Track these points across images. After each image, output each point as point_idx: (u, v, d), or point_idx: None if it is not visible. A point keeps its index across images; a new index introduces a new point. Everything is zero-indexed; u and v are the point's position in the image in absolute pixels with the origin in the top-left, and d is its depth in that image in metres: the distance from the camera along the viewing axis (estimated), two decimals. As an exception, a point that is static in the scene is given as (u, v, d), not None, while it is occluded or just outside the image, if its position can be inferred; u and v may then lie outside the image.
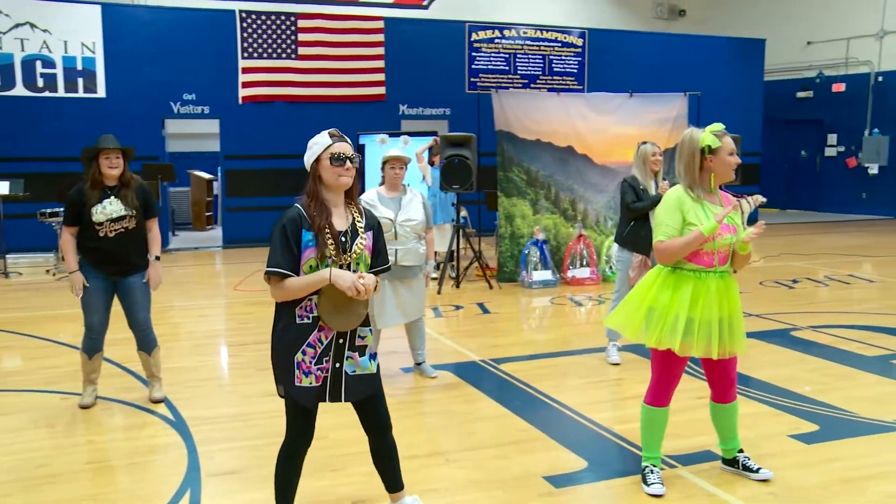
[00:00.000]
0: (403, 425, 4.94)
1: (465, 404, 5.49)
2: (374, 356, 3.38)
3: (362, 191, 10.76)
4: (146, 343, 5.48)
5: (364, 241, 3.29)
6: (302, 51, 14.37)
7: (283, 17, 14.27)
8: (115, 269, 5.24)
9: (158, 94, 13.40)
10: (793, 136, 20.32)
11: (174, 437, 4.84)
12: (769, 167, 19.46)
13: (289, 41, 14.28)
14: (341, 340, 3.26)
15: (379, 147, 6.92)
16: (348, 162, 3.23)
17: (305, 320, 3.21)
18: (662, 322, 3.82)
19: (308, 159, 3.27)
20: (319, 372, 3.23)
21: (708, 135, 3.90)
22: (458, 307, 8.84)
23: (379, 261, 3.41)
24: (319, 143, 3.26)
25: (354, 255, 3.25)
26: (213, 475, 4.27)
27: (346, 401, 3.31)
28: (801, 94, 19.78)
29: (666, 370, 3.96)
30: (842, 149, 19.40)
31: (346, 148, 3.26)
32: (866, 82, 18.74)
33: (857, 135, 18.93)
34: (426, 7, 17.37)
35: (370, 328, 3.35)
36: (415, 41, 15.08)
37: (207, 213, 16.67)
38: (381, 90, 14.86)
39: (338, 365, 3.26)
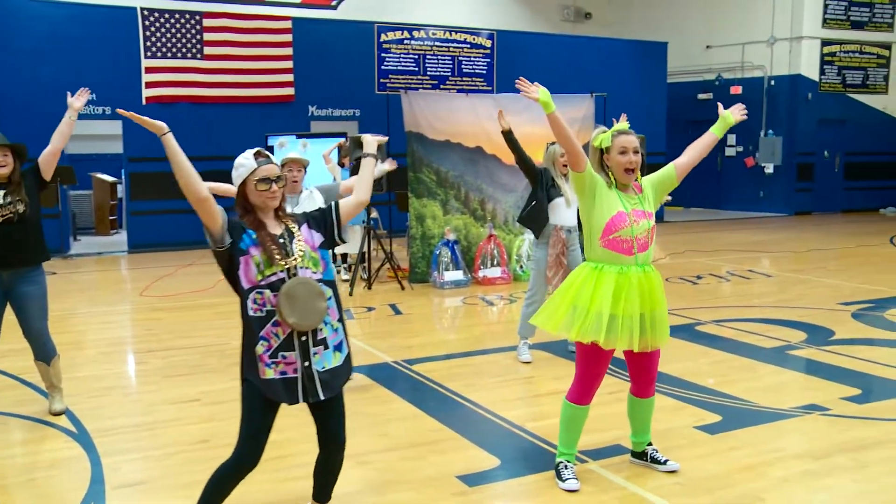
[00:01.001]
0: (312, 431, 4.90)
1: (379, 406, 5.47)
2: (339, 346, 3.35)
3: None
4: (44, 353, 5.25)
5: (302, 239, 3.29)
6: (208, 50, 14.06)
7: (187, 16, 13.93)
8: (2, 261, 4.97)
9: (56, 93, 12.86)
10: (695, 135, 20.32)
11: (76, 449, 4.67)
12: (673, 166, 20.02)
13: (194, 40, 13.95)
14: (304, 338, 3.22)
15: (278, 150, 6.86)
16: (273, 185, 3.25)
17: (258, 313, 3.18)
18: (585, 317, 3.87)
19: (235, 180, 3.29)
20: (277, 366, 3.19)
21: (602, 134, 3.96)
22: (370, 309, 8.80)
23: (327, 212, 3.44)
24: (245, 166, 3.26)
25: (299, 256, 3.23)
26: (118, 487, 4.14)
27: (323, 397, 3.28)
28: (701, 96, 20.43)
29: (590, 366, 4.01)
30: (740, 149, 20.13)
31: (271, 171, 3.26)
32: (761, 86, 19.50)
33: (754, 136, 19.68)
34: (335, 7, 17.25)
35: (329, 319, 3.30)
36: (323, 42, 14.95)
37: (111, 217, 16.15)
38: (290, 91, 14.67)
39: (307, 364, 3.23)
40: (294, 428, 4.38)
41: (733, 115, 4.27)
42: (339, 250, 10.34)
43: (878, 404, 5.40)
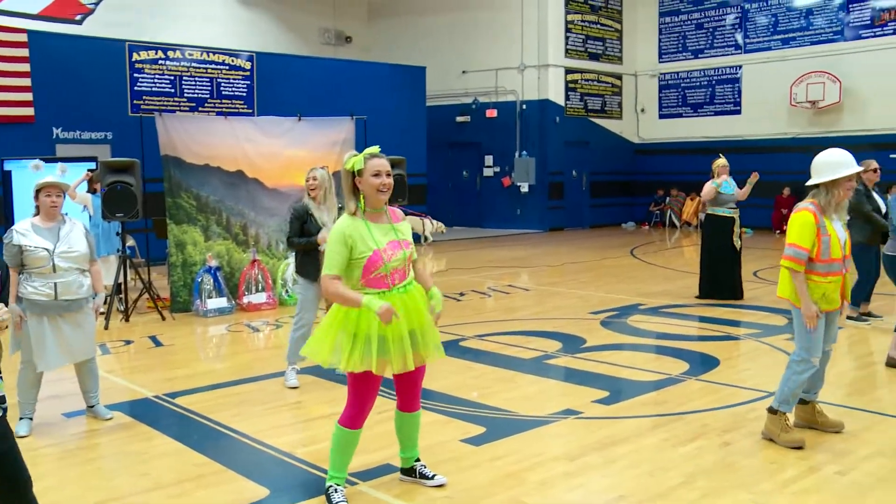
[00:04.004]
0: (68, 475, 4.55)
1: (139, 444, 5.17)
2: None
3: (12, 222, 9.82)
4: None
5: None
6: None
7: None
8: None
9: None
10: (455, 157, 21.80)
11: None
12: (435, 187, 20.68)
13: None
14: None
15: (32, 174, 6.34)
16: None
17: None
18: (352, 344, 3.86)
19: None
20: None
21: (354, 157, 3.99)
22: (127, 342, 8.31)
23: None
24: None
25: None
26: None
27: None
28: (460, 119, 21.30)
29: (362, 391, 4.01)
30: (497, 169, 21.18)
31: None
32: (514, 109, 20.66)
33: (510, 156, 20.79)
34: (79, 22, 16.21)
35: None
36: (67, 59, 13.93)
37: None
38: (30, 111, 13.52)
39: None
40: None
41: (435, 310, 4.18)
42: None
43: (624, 404, 5.86)
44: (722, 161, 9.91)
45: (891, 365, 6.67)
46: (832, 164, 4.74)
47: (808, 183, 4.87)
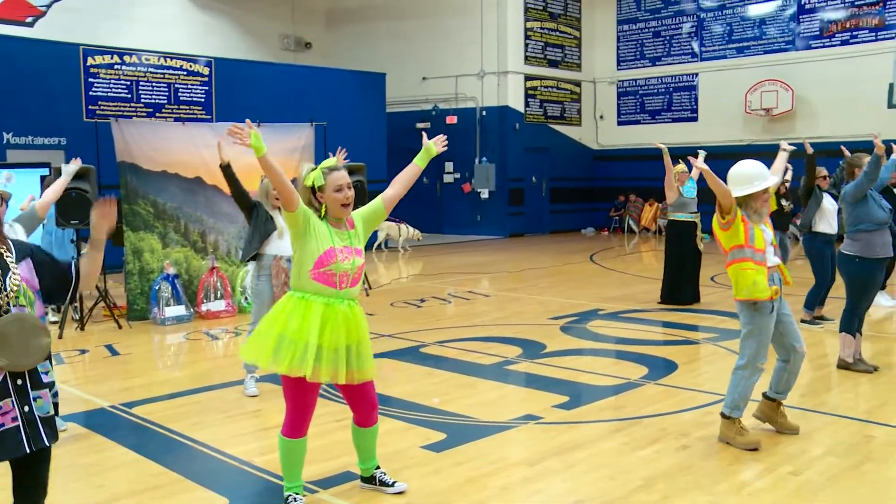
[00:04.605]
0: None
1: (95, 455, 5.09)
2: (53, 389, 3.09)
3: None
4: None
5: (17, 275, 3.01)
6: None
7: None
8: None
9: None
10: (414, 164, 21.75)
11: None
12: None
13: None
14: (20, 381, 2.92)
15: (-14, 182, 6.25)
16: None
17: None
18: (293, 349, 3.85)
19: None
20: None
21: (312, 172, 3.98)
22: (83, 351, 8.18)
23: (54, 269, 3.18)
24: None
25: (12, 293, 2.96)
26: None
27: (48, 444, 3.02)
28: (420, 125, 21.27)
29: (299, 398, 4.00)
30: (458, 175, 21.24)
31: None
32: (474, 116, 20.74)
33: (470, 163, 20.85)
34: (30, 25, 15.94)
35: (50, 360, 3.02)
36: (18, 62, 13.63)
37: None
38: (-22, 116, 13.28)
39: (27, 409, 2.93)
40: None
41: (436, 146, 4.45)
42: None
43: (584, 408, 5.91)
44: (681, 167, 10.05)
45: (842, 367, 6.81)
46: (746, 177, 4.89)
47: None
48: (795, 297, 8.83)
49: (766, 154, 5.03)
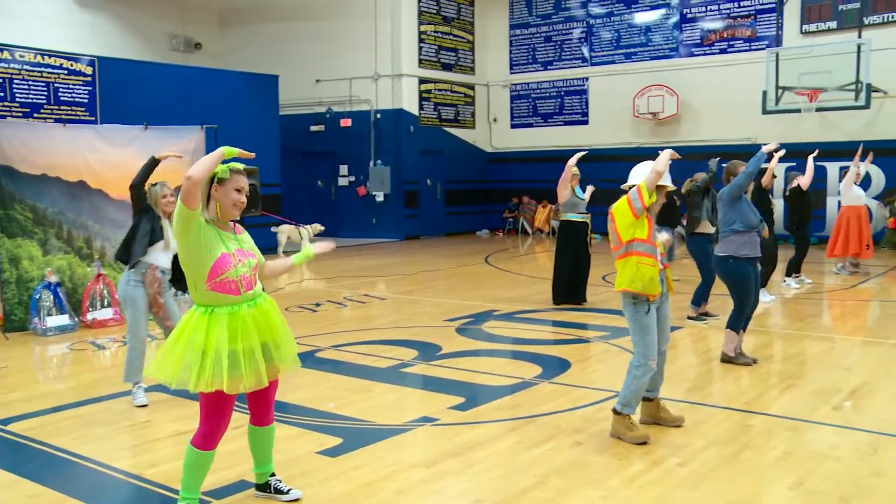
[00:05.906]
0: None
1: (-33, 476, 4.82)
2: None
3: None
4: None
5: None
6: None
7: None
8: None
9: None
10: (310, 166, 21.56)
11: None
12: (290, 196, 20.38)
13: None
14: None
15: None
16: None
17: None
18: (203, 364, 3.74)
19: None
20: None
21: (221, 166, 3.90)
22: (-44, 365, 7.74)
23: None
24: None
25: None
26: None
27: None
28: (314, 128, 21.10)
29: (215, 411, 3.87)
30: (353, 178, 21.11)
31: None
32: (368, 118, 20.67)
33: (364, 166, 20.77)
34: None
35: None
36: None
37: None
38: None
39: None
40: None
41: (315, 250, 4.31)
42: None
43: (480, 409, 5.96)
44: (576, 169, 10.26)
45: (725, 361, 7.12)
46: (641, 175, 5.16)
47: (623, 186, 5.22)
48: (682, 294, 9.17)
49: (653, 157, 5.21)
